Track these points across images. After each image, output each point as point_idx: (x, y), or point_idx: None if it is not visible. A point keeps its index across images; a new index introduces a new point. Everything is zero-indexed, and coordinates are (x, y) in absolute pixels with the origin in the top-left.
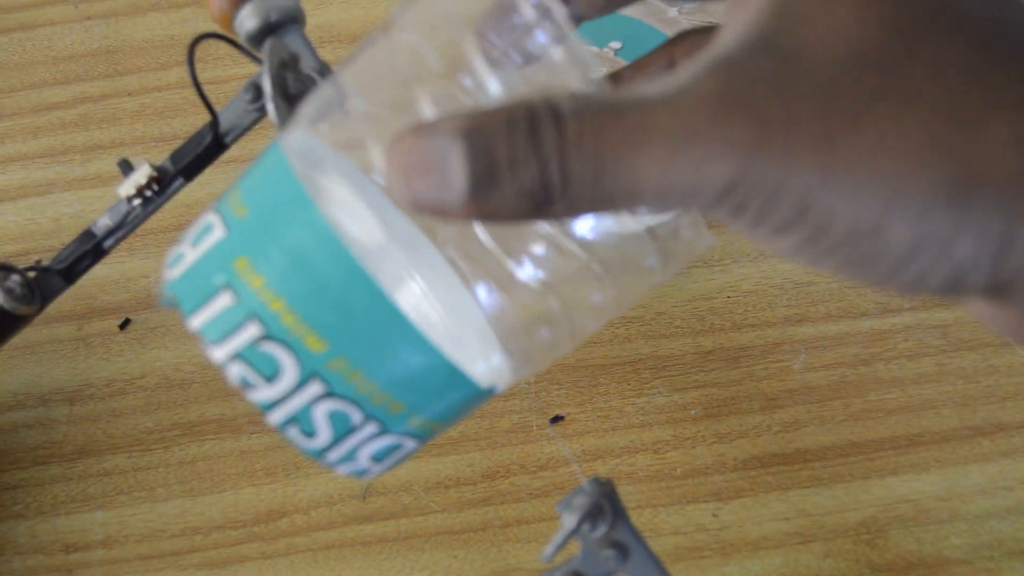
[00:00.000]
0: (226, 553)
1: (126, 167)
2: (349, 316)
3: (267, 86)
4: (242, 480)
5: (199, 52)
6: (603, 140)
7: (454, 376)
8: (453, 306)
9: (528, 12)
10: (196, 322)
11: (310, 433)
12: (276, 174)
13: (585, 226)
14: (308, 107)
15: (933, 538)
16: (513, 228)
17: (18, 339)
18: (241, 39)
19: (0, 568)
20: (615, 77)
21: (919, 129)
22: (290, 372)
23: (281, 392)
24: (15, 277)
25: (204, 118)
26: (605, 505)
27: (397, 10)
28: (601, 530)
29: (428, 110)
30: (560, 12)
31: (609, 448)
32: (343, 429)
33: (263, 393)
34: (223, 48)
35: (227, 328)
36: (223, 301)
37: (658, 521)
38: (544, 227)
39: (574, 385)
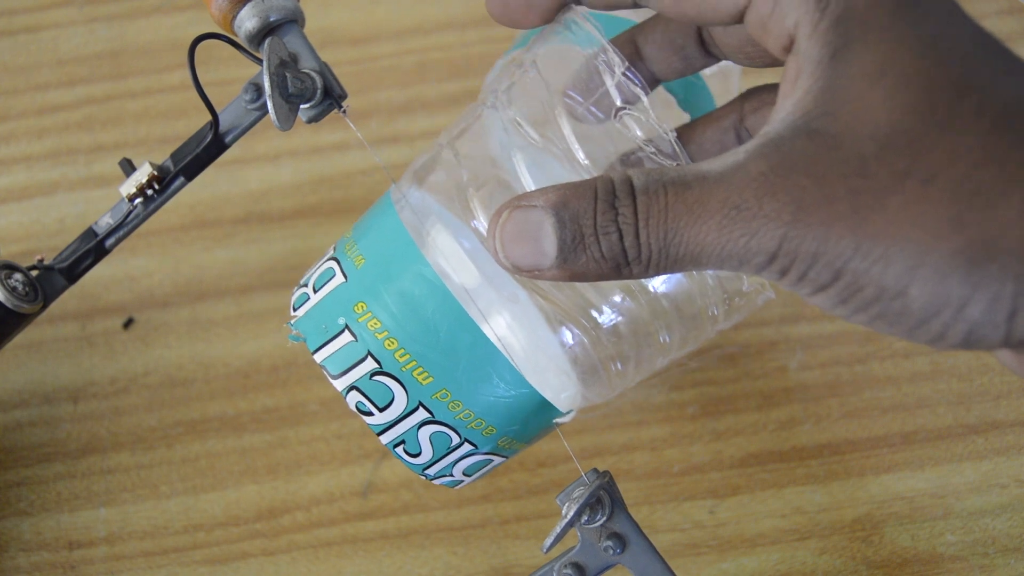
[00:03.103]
0: (228, 550)
1: (127, 166)
2: (453, 355)
3: (266, 85)
4: (244, 477)
5: (204, 54)
6: (669, 212)
7: (539, 404)
8: (535, 338)
9: (608, 78)
10: (320, 357)
11: (415, 452)
12: (390, 228)
13: (660, 277)
14: (418, 165)
15: (928, 535)
16: None
17: (22, 338)
18: (240, 39)
19: (5, 564)
20: (690, 128)
21: (940, 206)
22: (400, 401)
23: (391, 418)
24: (18, 275)
25: (207, 120)
26: (603, 496)
27: (495, 82)
28: (599, 521)
29: (524, 172)
30: (635, 78)
31: (607, 446)
32: (443, 449)
33: (376, 418)
34: (227, 50)
35: (347, 363)
36: (344, 339)
37: (655, 518)
38: None
39: None
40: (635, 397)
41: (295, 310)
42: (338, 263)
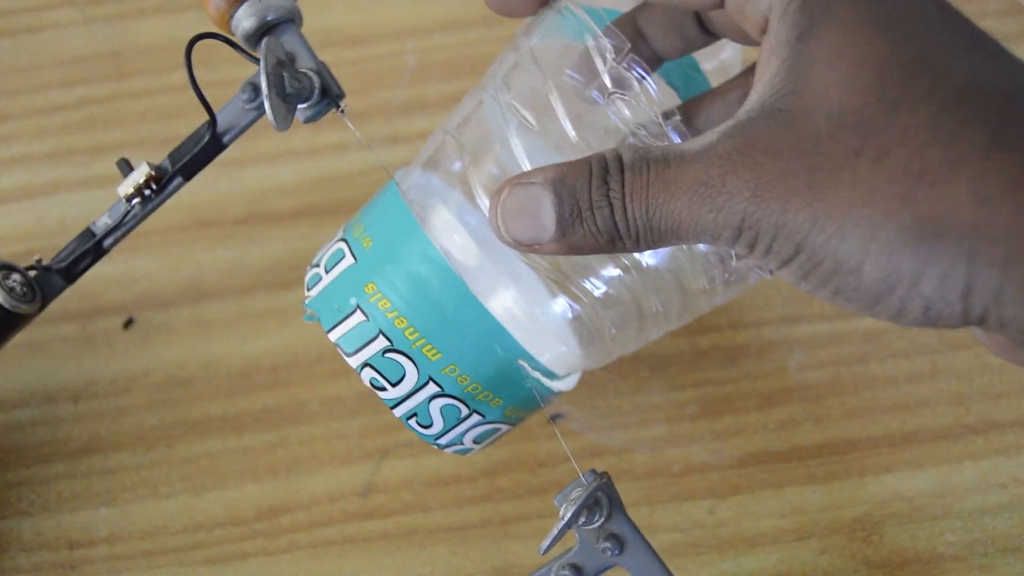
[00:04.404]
0: (229, 549)
1: (125, 166)
2: (460, 331)
3: (263, 85)
4: (244, 477)
5: (204, 54)
6: (650, 189)
7: (541, 374)
8: (535, 311)
9: (600, 63)
10: (334, 335)
11: (426, 424)
12: (395, 211)
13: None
14: (423, 151)
15: (928, 534)
16: None
17: (23, 338)
18: (238, 39)
19: (5, 564)
20: (697, 101)
21: (890, 184)
22: (411, 376)
23: (404, 392)
24: (16, 276)
25: (207, 120)
26: (601, 497)
27: (495, 69)
28: (597, 522)
29: (522, 154)
30: (636, 65)
31: (607, 445)
32: (453, 420)
33: (389, 393)
34: (228, 50)
35: (360, 341)
36: (356, 319)
37: (655, 518)
38: None
39: None
40: (635, 397)
41: (308, 290)
42: (347, 244)
